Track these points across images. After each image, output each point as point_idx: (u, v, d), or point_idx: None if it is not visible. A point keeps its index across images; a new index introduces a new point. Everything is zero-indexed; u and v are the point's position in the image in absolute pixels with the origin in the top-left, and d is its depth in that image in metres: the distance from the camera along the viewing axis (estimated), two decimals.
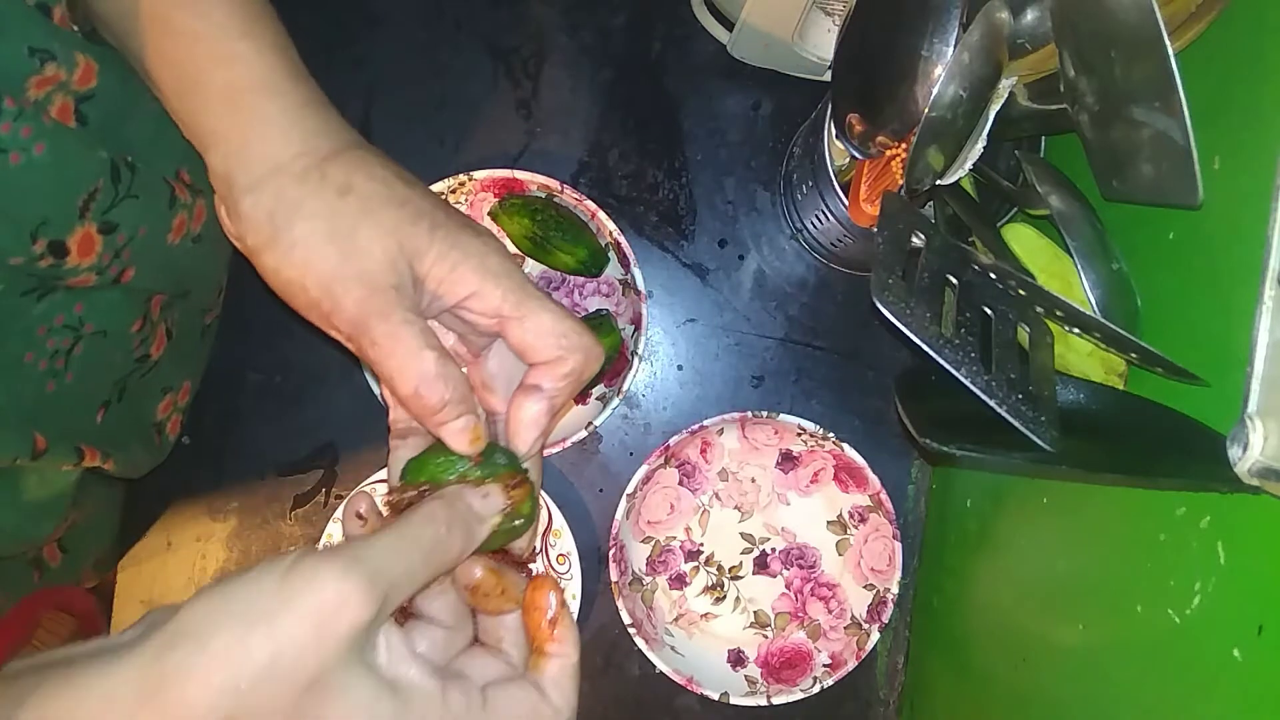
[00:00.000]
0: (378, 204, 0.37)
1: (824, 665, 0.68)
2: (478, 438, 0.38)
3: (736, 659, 0.70)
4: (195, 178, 0.56)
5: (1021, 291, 0.48)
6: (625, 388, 0.66)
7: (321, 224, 0.36)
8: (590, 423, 0.65)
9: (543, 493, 0.68)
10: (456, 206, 0.68)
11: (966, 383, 0.43)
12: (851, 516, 0.71)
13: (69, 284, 0.48)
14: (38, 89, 0.43)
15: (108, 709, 0.27)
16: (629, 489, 0.67)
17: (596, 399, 0.69)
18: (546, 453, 0.66)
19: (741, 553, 0.72)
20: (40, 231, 0.44)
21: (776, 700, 0.66)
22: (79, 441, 0.52)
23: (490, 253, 0.39)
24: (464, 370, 0.38)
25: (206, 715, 0.27)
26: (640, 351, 0.66)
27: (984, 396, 0.43)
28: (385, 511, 0.37)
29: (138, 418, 0.60)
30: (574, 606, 0.68)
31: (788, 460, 0.72)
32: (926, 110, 0.44)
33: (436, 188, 0.66)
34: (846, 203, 0.58)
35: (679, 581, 0.71)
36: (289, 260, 0.36)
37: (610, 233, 0.66)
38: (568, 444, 0.66)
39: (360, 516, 0.37)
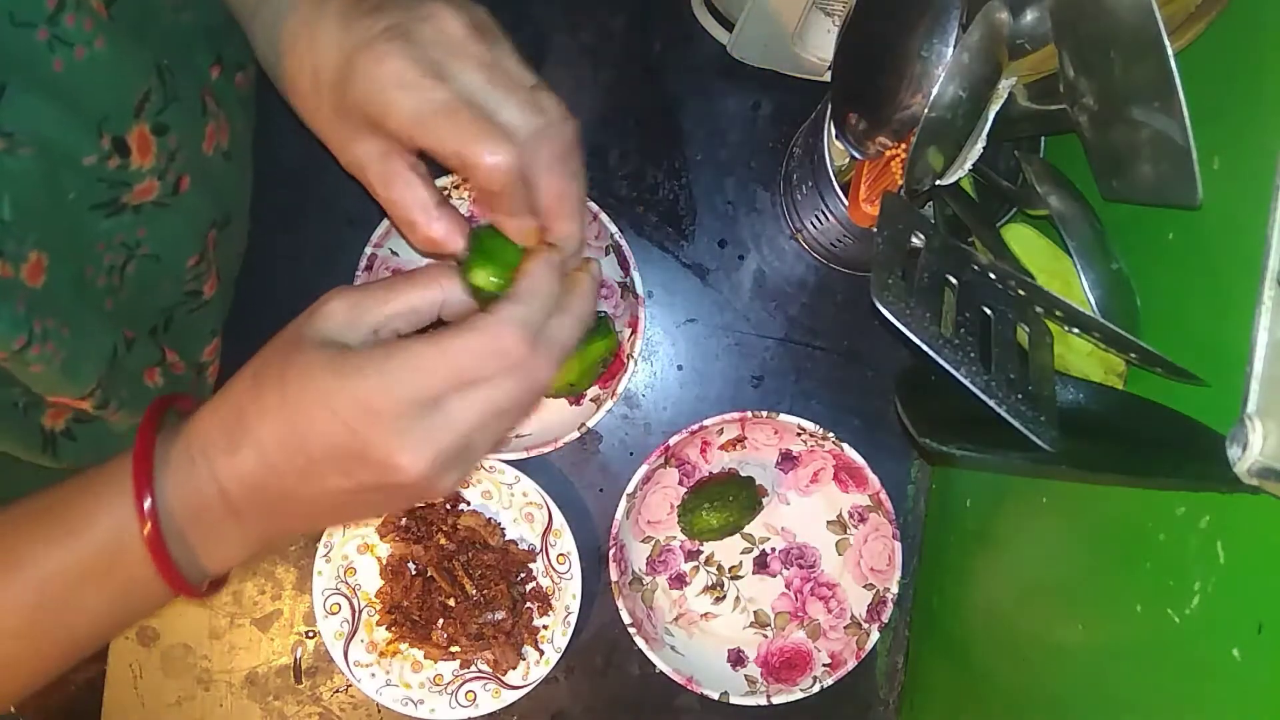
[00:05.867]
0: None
1: (824, 665, 0.68)
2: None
3: (736, 659, 0.70)
4: (217, 95, 0.56)
5: (1021, 291, 0.48)
6: (619, 391, 0.66)
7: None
8: (583, 424, 0.65)
9: (543, 493, 0.68)
10: (458, 205, 0.68)
11: (966, 383, 0.43)
12: (851, 516, 0.71)
13: (135, 202, 0.48)
14: None
15: None
16: (629, 489, 0.67)
17: (590, 401, 0.69)
18: (542, 454, 0.66)
19: (741, 552, 0.72)
20: (104, 127, 0.43)
21: (776, 700, 0.66)
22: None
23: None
24: None
25: None
26: (636, 355, 0.66)
27: (984, 396, 0.43)
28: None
29: (184, 353, 0.60)
30: (574, 606, 0.68)
31: (788, 460, 0.72)
32: (926, 110, 0.44)
33: (439, 184, 0.66)
34: (846, 203, 0.58)
35: (679, 581, 0.71)
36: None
37: (611, 235, 0.66)
38: (561, 444, 0.66)
39: None
